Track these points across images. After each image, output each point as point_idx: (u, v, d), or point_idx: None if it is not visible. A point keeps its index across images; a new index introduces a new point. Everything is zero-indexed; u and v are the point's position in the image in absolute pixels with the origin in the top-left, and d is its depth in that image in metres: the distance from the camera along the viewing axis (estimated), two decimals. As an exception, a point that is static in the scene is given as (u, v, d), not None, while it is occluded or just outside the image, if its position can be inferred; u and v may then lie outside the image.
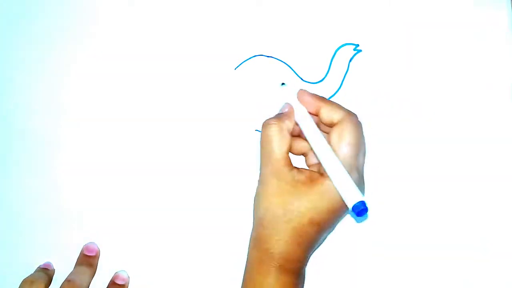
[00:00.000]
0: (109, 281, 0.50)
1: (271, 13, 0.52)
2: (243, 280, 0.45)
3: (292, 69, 0.51)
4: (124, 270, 0.50)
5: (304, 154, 0.48)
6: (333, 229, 0.47)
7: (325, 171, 0.43)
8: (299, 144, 0.47)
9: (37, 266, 0.50)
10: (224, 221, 0.50)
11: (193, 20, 0.53)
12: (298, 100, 0.46)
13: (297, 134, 0.46)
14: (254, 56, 0.52)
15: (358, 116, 0.45)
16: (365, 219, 0.49)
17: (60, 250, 0.51)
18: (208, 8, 0.53)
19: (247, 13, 0.52)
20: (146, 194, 0.51)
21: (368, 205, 0.41)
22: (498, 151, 0.50)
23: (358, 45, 0.51)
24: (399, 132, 0.50)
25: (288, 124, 0.45)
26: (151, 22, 0.53)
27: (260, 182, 0.45)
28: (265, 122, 0.45)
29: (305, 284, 0.46)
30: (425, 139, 0.50)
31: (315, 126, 0.45)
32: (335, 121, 0.44)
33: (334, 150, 0.43)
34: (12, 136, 0.53)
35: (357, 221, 0.49)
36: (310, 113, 0.46)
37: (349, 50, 0.51)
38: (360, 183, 0.45)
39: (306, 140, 0.45)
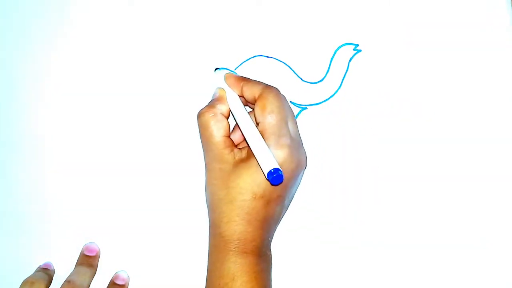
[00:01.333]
0: (109, 281, 0.50)
1: (271, 13, 0.52)
2: (206, 269, 0.46)
3: (292, 69, 0.51)
4: (124, 270, 0.50)
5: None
6: (284, 201, 0.46)
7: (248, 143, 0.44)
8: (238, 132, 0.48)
9: (37, 266, 0.50)
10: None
11: (193, 20, 0.53)
12: (226, 82, 0.47)
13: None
14: (254, 57, 0.52)
15: (277, 88, 0.45)
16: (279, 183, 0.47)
17: (60, 250, 0.51)
18: (208, 8, 0.53)
19: (247, 13, 0.52)
20: (146, 194, 0.51)
21: (281, 172, 0.41)
22: (498, 151, 0.50)
23: (358, 45, 0.51)
24: (399, 132, 0.50)
25: (220, 108, 0.46)
26: (150, 22, 0.53)
27: (206, 170, 0.46)
28: (198, 113, 0.46)
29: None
30: (425, 139, 0.50)
31: (241, 104, 0.46)
32: (256, 95, 0.45)
33: (260, 122, 0.44)
34: (12, 136, 0.53)
35: (296, 186, 0.48)
36: (240, 96, 0.47)
37: (349, 50, 0.51)
38: (296, 148, 0.45)
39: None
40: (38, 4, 0.54)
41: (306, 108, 0.51)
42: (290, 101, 0.51)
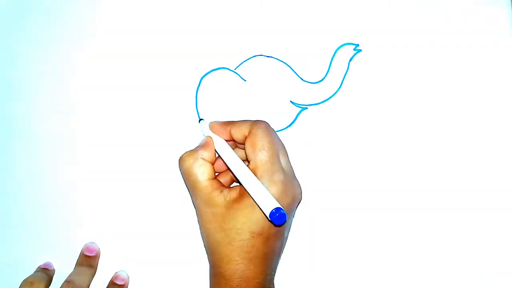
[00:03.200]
0: (109, 281, 0.50)
1: (271, 13, 0.52)
2: None
3: (292, 69, 0.51)
4: (124, 270, 0.50)
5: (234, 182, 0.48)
6: (283, 236, 0.46)
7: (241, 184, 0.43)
8: (227, 176, 0.47)
9: (37, 266, 0.50)
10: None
11: (193, 20, 0.53)
12: (211, 131, 0.47)
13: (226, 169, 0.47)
14: (254, 56, 0.52)
15: (267, 122, 0.45)
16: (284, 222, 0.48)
17: (60, 250, 0.51)
18: (208, 8, 0.53)
19: (248, 13, 0.52)
20: (146, 194, 0.51)
21: (283, 211, 0.40)
22: (499, 151, 0.50)
23: (358, 45, 0.51)
24: (399, 132, 0.50)
25: (202, 153, 0.45)
26: (150, 22, 0.53)
27: (197, 213, 0.46)
28: (179, 158, 0.46)
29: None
30: (425, 139, 0.50)
31: (229, 148, 0.45)
32: (246, 133, 0.45)
33: (251, 160, 0.44)
34: (12, 136, 0.53)
35: (291, 221, 0.48)
36: (229, 140, 0.46)
37: (349, 50, 0.51)
38: (290, 183, 0.45)
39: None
40: (38, 4, 0.54)
41: (306, 108, 0.51)
42: (290, 101, 0.51)
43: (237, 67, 0.52)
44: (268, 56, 0.52)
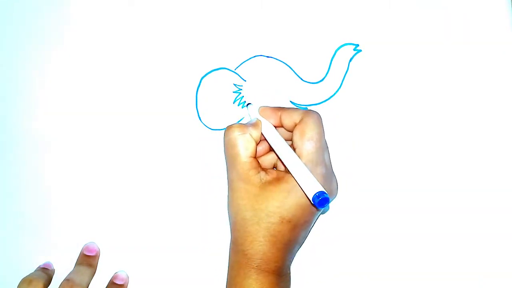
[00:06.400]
0: (108, 281, 0.50)
1: (271, 13, 0.52)
2: (226, 282, 0.46)
3: (292, 69, 0.51)
4: (123, 270, 0.50)
5: (275, 165, 0.48)
6: (309, 226, 0.46)
7: (286, 168, 0.44)
8: (270, 156, 0.48)
9: (37, 266, 0.50)
10: (224, 222, 0.50)
11: (193, 20, 0.53)
12: (261, 115, 0.47)
13: (269, 150, 0.47)
14: (254, 57, 0.52)
15: (318, 113, 0.45)
16: (327, 209, 0.49)
17: (60, 250, 0.51)
18: (208, 8, 0.53)
19: (248, 13, 0.52)
20: (146, 194, 0.51)
21: (327, 195, 0.40)
22: (499, 151, 0.50)
23: (358, 45, 0.51)
24: (399, 132, 0.50)
25: (251, 130, 0.45)
26: (150, 22, 0.53)
27: (229, 187, 0.46)
28: (227, 127, 0.45)
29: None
30: (425, 139, 0.50)
31: (276, 132, 0.46)
32: (297, 121, 0.45)
33: (297, 147, 0.44)
34: (12, 135, 0.53)
35: (320, 212, 0.48)
36: (277, 126, 0.47)
37: (349, 50, 0.51)
38: (329, 177, 0.45)
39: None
40: (37, 4, 0.54)
41: (306, 108, 0.51)
42: (290, 101, 0.51)
43: (237, 67, 0.52)
44: (268, 56, 0.52)
